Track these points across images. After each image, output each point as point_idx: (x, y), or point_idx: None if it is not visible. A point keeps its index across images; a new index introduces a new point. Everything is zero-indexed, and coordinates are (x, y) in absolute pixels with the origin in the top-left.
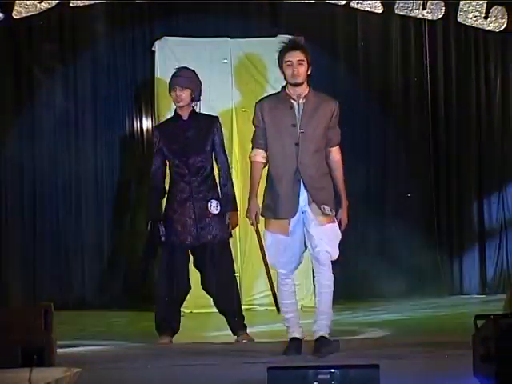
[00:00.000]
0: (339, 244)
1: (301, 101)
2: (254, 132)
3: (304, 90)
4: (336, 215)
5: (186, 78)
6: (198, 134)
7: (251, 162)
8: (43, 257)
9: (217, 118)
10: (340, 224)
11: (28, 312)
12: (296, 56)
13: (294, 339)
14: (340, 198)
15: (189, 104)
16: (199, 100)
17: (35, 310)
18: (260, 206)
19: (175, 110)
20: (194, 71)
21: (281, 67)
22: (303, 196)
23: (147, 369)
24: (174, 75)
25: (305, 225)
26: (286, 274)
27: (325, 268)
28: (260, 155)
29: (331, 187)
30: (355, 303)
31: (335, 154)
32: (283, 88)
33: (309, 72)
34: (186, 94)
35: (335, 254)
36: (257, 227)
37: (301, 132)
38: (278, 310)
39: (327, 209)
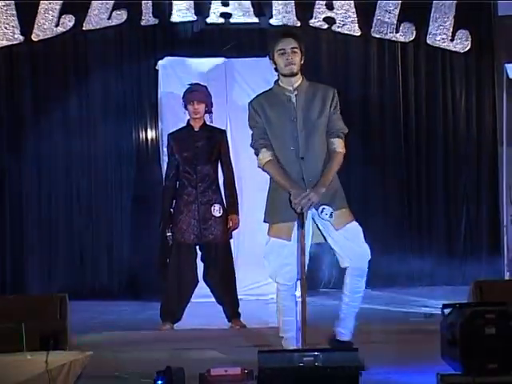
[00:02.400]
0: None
1: (295, 93)
2: (252, 135)
3: (298, 80)
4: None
5: (202, 93)
6: (207, 145)
7: (263, 165)
8: (59, 252)
9: (224, 131)
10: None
11: (45, 301)
12: (289, 43)
13: None
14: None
15: (203, 116)
16: (211, 112)
17: (52, 299)
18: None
19: (188, 120)
20: (206, 86)
21: (272, 58)
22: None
23: (151, 351)
24: (189, 90)
25: (321, 231)
26: (286, 285)
27: (359, 278)
28: (269, 153)
29: (338, 185)
30: (335, 293)
31: (335, 145)
32: (275, 82)
33: (302, 61)
34: (201, 108)
35: (368, 256)
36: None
37: (299, 125)
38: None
39: (326, 211)
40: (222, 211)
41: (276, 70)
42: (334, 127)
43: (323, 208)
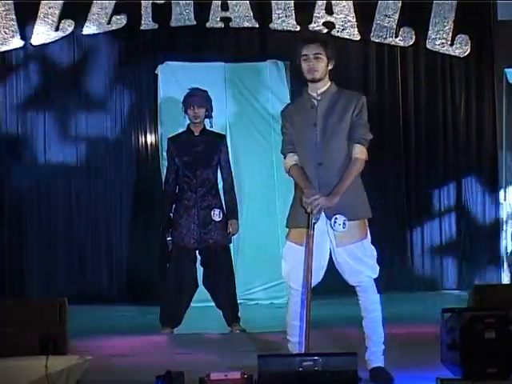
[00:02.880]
0: None
1: (319, 98)
2: (282, 141)
3: (323, 86)
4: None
5: (202, 98)
6: (207, 150)
7: (288, 170)
8: (58, 257)
9: (224, 136)
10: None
11: (45, 306)
12: (312, 49)
13: None
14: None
15: (203, 121)
16: (212, 117)
17: (51, 304)
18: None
19: (188, 125)
20: (206, 91)
21: (299, 62)
22: None
23: (151, 356)
24: (190, 95)
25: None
26: (297, 290)
27: (365, 295)
28: (294, 158)
29: (357, 193)
30: (333, 297)
31: (355, 151)
32: (304, 88)
33: (330, 67)
34: (201, 112)
35: (375, 274)
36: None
37: (319, 131)
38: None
39: (339, 221)
40: (221, 216)
41: (303, 74)
42: (354, 133)
43: (336, 218)
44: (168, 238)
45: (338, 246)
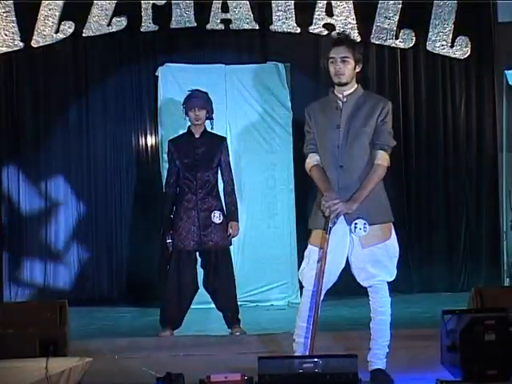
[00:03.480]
0: None
1: (345, 100)
2: (304, 139)
3: (350, 89)
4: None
5: (203, 99)
6: (208, 152)
7: (309, 170)
8: (60, 259)
9: (225, 138)
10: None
11: (45, 308)
12: (339, 52)
13: None
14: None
15: (203, 123)
16: (212, 119)
17: (52, 306)
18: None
19: (189, 127)
20: (207, 93)
21: (326, 64)
22: None
23: (151, 358)
24: (190, 97)
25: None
26: (309, 291)
27: (376, 296)
28: (315, 158)
29: (378, 198)
30: (335, 299)
31: (377, 157)
32: (331, 89)
33: (357, 69)
34: (202, 114)
35: (390, 278)
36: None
37: (342, 133)
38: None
39: (360, 226)
40: (221, 218)
41: (330, 76)
42: (378, 139)
43: (356, 223)
44: (168, 240)
45: (364, 247)
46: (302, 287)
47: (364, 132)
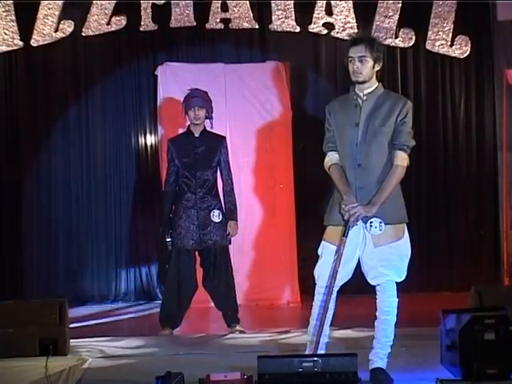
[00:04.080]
0: None
1: (365, 98)
2: (325, 137)
3: (369, 87)
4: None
5: (202, 99)
6: (207, 151)
7: (328, 168)
8: (58, 257)
9: (224, 137)
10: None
11: (45, 307)
12: (357, 51)
13: None
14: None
15: (203, 122)
16: (212, 118)
17: (51, 305)
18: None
19: (188, 126)
20: (206, 92)
21: (346, 63)
22: None
23: (151, 357)
24: (189, 96)
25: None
26: (321, 287)
27: (383, 295)
28: (335, 157)
29: (394, 199)
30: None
31: (396, 158)
32: (352, 87)
33: (377, 68)
34: (202, 113)
35: (399, 278)
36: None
37: (361, 131)
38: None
39: (375, 224)
40: (221, 217)
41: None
42: (397, 139)
43: (371, 222)
44: (168, 239)
45: (376, 246)
46: (303, 286)
47: (383, 131)
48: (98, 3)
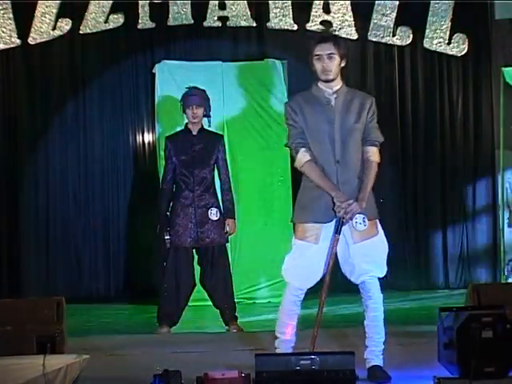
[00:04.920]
0: None
1: (335, 96)
2: (289, 134)
3: (337, 85)
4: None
5: (201, 97)
6: (205, 149)
7: (302, 165)
8: (56, 255)
9: (221, 135)
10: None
11: (42, 305)
12: (325, 49)
13: None
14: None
15: (201, 120)
16: (210, 116)
17: (48, 303)
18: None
19: (186, 124)
20: (204, 90)
21: (310, 61)
22: None
23: (148, 355)
24: (188, 94)
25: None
26: (301, 290)
27: (368, 294)
28: (308, 154)
29: (370, 194)
30: (331, 297)
31: (370, 154)
32: (314, 83)
33: (342, 65)
34: (200, 112)
35: (381, 274)
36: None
37: (337, 128)
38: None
39: (359, 220)
40: (218, 215)
41: (315, 73)
42: (369, 135)
43: (356, 217)
44: (166, 237)
45: (355, 242)
46: None
47: (357, 128)
48: (95, 1)
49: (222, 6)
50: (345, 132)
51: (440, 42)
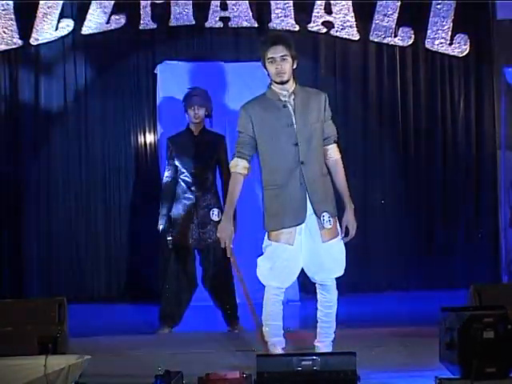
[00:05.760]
0: None
1: (291, 97)
2: (238, 139)
3: (291, 86)
4: (340, 224)
5: (202, 97)
6: (207, 150)
7: (232, 173)
8: (58, 257)
9: (223, 136)
10: (347, 231)
11: (44, 305)
12: (278, 51)
13: None
14: (344, 202)
15: (202, 121)
16: (211, 117)
17: (50, 303)
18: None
19: (187, 124)
20: (206, 91)
21: (264, 65)
22: (308, 203)
23: (150, 356)
24: (189, 94)
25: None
26: (280, 289)
27: (328, 294)
28: (241, 165)
29: (332, 191)
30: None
31: (334, 152)
32: (268, 87)
33: (294, 66)
34: (202, 112)
35: (341, 273)
36: (231, 253)
37: (298, 130)
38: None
39: (327, 218)
40: (220, 215)
41: (268, 75)
42: (329, 133)
43: (323, 215)
44: (169, 238)
45: (324, 241)
46: (302, 285)
47: (318, 127)
48: (97, 2)
49: (224, 7)
50: (306, 133)
51: (442, 43)
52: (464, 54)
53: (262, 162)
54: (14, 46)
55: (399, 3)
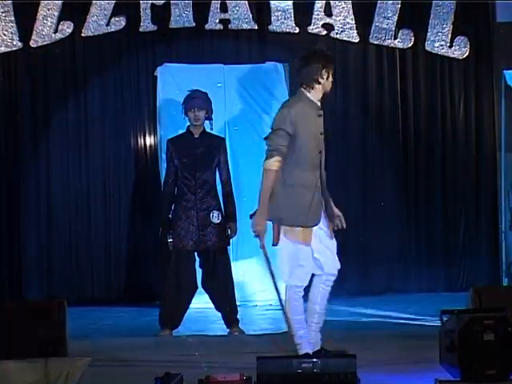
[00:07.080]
0: None
1: (321, 108)
2: (275, 136)
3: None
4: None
5: (202, 100)
6: (207, 152)
7: (268, 169)
8: (58, 259)
9: (223, 138)
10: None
11: (44, 308)
12: (333, 69)
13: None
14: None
15: (203, 123)
16: (211, 119)
17: (50, 306)
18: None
19: (188, 127)
20: (206, 93)
21: (319, 74)
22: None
23: (150, 358)
24: (189, 97)
25: (320, 238)
26: (300, 287)
27: (329, 285)
28: (279, 163)
29: None
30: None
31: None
32: (302, 93)
33: None
34: (202, 114)
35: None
36: (263, 245)
37: (324, 139)
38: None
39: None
40: (220, 218)
41: (313, 82)
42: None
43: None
44: (169, 240)
45: (331, 238)
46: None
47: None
48: (97, 4)
49: (224, 9)
50: (323, 144)
51: (442, 45)
52: (464, 56)
53: (290, 160)
54: (13, 48)
55: (399, 5)
